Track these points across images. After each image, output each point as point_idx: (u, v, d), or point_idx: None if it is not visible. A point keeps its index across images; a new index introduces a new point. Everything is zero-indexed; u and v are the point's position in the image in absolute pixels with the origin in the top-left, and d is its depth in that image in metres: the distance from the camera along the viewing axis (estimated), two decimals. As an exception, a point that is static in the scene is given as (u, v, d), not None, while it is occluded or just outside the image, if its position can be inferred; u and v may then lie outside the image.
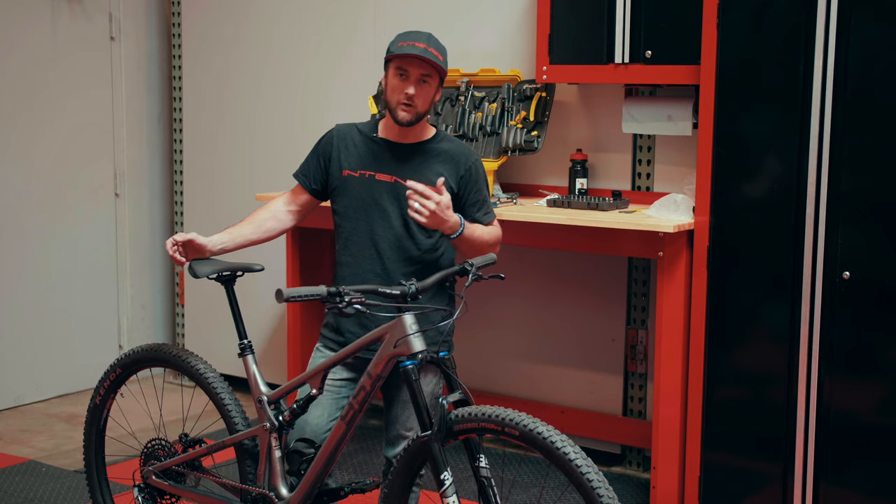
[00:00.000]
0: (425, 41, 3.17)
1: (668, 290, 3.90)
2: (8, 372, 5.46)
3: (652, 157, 4.44)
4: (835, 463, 3.56)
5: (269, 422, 3.13)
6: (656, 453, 3.96)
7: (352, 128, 3.35)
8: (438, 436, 2.75)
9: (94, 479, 3.64)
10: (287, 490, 3.12)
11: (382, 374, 2.89)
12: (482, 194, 3.28)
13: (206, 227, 5.77)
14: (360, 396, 2.92)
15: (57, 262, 5.64)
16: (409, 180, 3.08)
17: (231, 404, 3.29)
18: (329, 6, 5.21)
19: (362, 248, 3.25)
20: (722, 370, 3.78)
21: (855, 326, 3.49)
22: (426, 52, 3.14)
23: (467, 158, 3.26)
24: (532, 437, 2.65)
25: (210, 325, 5.73)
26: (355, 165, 3.27)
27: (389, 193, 3.22)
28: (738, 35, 3.64)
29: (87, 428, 3.62)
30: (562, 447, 2.62)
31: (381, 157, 3.25)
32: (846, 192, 3.47)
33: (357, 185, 3.25)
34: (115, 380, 3.52)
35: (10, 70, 5.39)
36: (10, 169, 5.42)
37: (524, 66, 4.60)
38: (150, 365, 3.51)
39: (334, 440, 2.98)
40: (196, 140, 5.81)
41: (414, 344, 2.80)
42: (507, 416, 2.69)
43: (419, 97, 3.16)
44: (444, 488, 2.72)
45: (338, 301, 2.75)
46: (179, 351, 3.42)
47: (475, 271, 2.93)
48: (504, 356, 4.90)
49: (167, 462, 3.38)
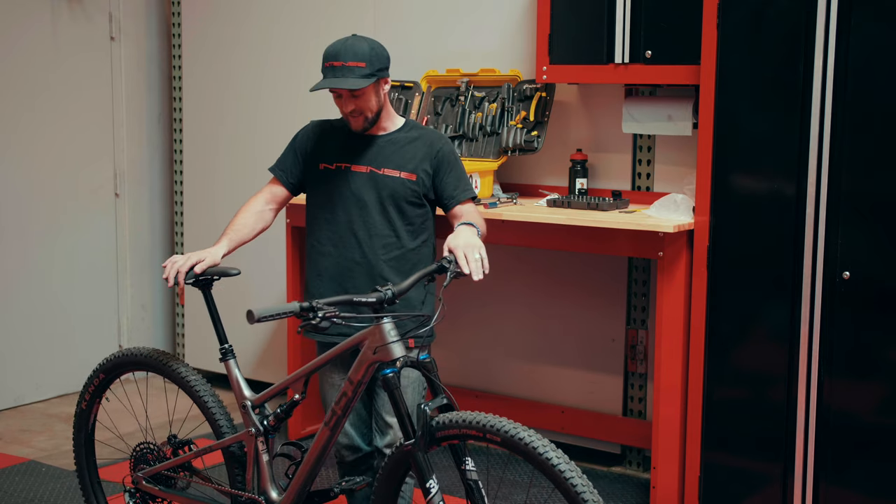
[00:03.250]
0: (342, 57, 3.21)
1: (668, 290, 3.90)
2: (8, 372, 5.46)
3: (652, 157, 4.44)
4: (835, 463, 3.55)
5: (255, 427, 3.12)
6: (656, 453, 3.96)
7: (326, 122, 3.47)
8: (421, 443, 2.71)
9: (87, 483, 3.62)
10: (277, 493, 3.12)
11: (364, 379, 2.86)
12: (457, 171, 3.35)
13: (205, 227, 5.80)
14: (343, 402, 2.90)
15: (57, 262, 5.64)
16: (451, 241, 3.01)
17: (216, 409, 3.26)
18: (329, 7, 5.21)
19: (343, 237, 3.33)
20: (722, 370, 3.77)
21: (855, 326, 3.49)
22: (339, 80, 3.18)
23: (438, 141, 3.37)
24: (514, 442, 2.60)
25: (210, 326, 5.70)
26: (331, 158, 3.37)
27: (367, 183, 3.31)
28: (738, 35, 3.64)
29: (75, 433, 3.60)
30: (545, 452, 2.57)
31: (356, 148, 3.35)
32: (846, 192, 3.47)
33: (334, 178, 3.34)
34: (99, 385, 3.49)
35: (11, 70, 5.39)
36: (11, 169, 5.42)
37: (524, 66, 4.60)
38: (132, 369, 3.47)
39: (319, 445, 2.97)
40: (196, 140, 5.81)
41: (393, 350, 2.77)
42: (487, 421, 2.64)
43: (359, 107, 3.25)
44: (431, 496, 2.69)
45: (310, 316, 2.70)
46: (161, 355, 3.38)
47: (453, 269, 2.88)
48: (504, 356, 4.90)
49: (157, 467, 3.35)
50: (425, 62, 4.85)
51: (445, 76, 4.75)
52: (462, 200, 3.33)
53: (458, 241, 2.94)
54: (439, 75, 4.77)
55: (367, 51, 3.23)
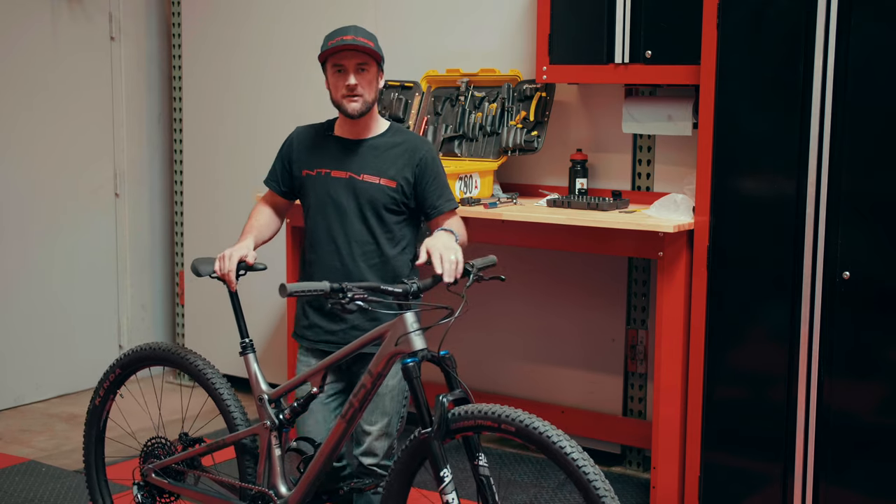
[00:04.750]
0: (353, 32, 3.24)
1: (668, 290, 3.90)
2: (8, 372, 5.46)
3: (652, 157, 4.44)
4: (835, 463, 3.55)
5: (270, 420, 3.14)
6: (656, 453, 3.96)
7: (310, 128, 3.46)
8: (438, 433, 2.75)
9: (94, 480, 3.64)
10: (286, 488, 3.13)
11: (383, 371, 2.90)
12: (440, 181, 3.33)
13: (205, 227, 5.80)
14: (361, 394, 2.94)
15: (57, 263, 5.64)
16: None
17: (231, 402, 3.30)
18: (330, 7, 5.21)
19: (324, 244, 3.32)
20: (722, 370, 3.77)
21: (855, 326, 3.49)
22: (355, 41, 3.20)
23: (420, 148, 3.33)
24: (528, 432, 2.66)
25: (210, 325, 5.73)
26: (313, 164, 3.36)
27: (346, 189, 3.30)
28: (738, 35, 3.64)
29: (86, 429, 3.62)
30: (558, 442, 2.63)
31: (336, 154, 3.33)
32: (846, 192, 3.47)
33: (315, 184, 3.34)
34: (115, 380, 3.52)
35: (10, 70, 5.39)
36: (11, 169, 5.42)
37: (524, 66, 4.60)
38: (149, 364, 3.51)
39: (334, 438, 3.00)
40: (196, 140, 5.81)
41: (415, 342, 2.82)
42: (503, 412, 2.70)
43: (362, 85, 3.23)
44: (444, 485, 2.73)
45: (340, 297, 2.77)
46: (178, 349, 3.42)
47: (476, 272, 2.93)
48: (504, 356, 4.90)
49: (167, 460, 3.38)
50: (425, 62, 4.85)
51: (445, 76, 4.75)
52: (444, 212, 3.30)
53: (435, 242, 2.97)
54: (439, 75, 4.77)
55: (374, 37, 3.27)
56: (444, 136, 4.68)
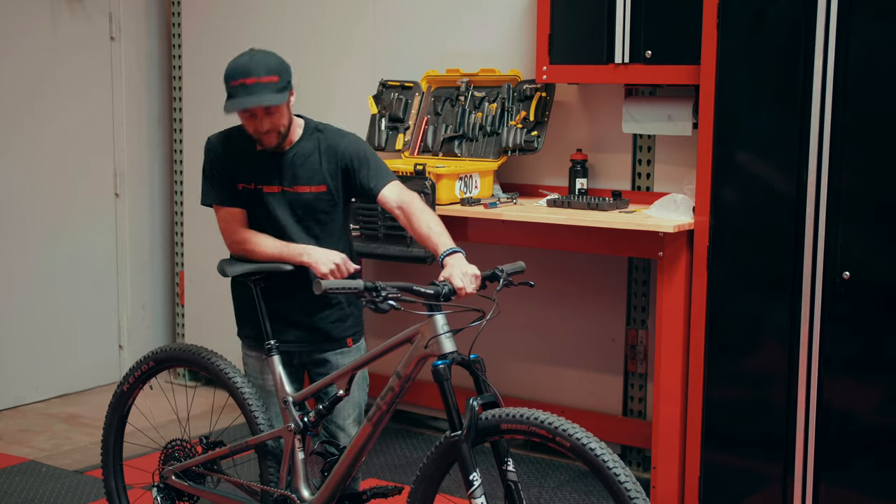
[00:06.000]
0: (254, 73, 3.05)
1: (668, 290, 3.90)
2: (8, 372, 5.46)
3: (652, 157, 4.44)
4: (835, 463, 3.56)
5: (294, 423, 3.12)
6: (656, 453, 3.96)
7: (228, 138, 3.31)
8: (468, 436, 2.74)
9: (110, 465, 3.60)
10: (309, 492, 3.12)
11: (412, 374, 2.89)
12: (369, 163, 3.22)
13: (205, 228, 5.78)
14: (389, 397, 2.91)
15: (57, 263, 5.64)
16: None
17: (254, 404, 3.25)
18: (329, 7, 5.21)
19: None
20: (722, 370, 3.78)
21: (855, 326, 3.49)
22: (259, 99, 3.04)
23: (339, 142, 3.23)
24: (582, 451, 2.62)
25: (210, 326, 5.72)
26: (246, 178, 3.25)
27: (279, 203, 3.23)
28: (738, 35, 3.64)
29: (109, 412, 3.57)
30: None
31: (265, 167, 3.23)
32: (846, 192, 3.47)
33: (252, 198, 3.25)
34: (147, 371, 3.48)
35: (10, 70, 5.39)
36: (10, 169, 5.42)
37: (524, 66, 4.60)
38: (181, 365, 3.50)
39: (360, 442, 2.97)
40: (196, 140, 5.80)
41: (445, 344, 2.81)
42: (560, 425, 2.66)
43: (275, 123, 3.13)
44: (473, 489, 2.71)
45: (374, 296, 2.75)
46: (210, 354, 3.38)
47: (506, 277, 2.93)
48: (504, 356, 4.90)
49: (187, 462, 3.36)
50: (425, 62, 4.85)
51: (445, 76, 4.75)
52: (382, 186, 3.21)
53: (452, 270, 2.91)
54: (439, 75, 4.77)
55: (277, 64, 3.11)
56: (444, 136, 4.68)
